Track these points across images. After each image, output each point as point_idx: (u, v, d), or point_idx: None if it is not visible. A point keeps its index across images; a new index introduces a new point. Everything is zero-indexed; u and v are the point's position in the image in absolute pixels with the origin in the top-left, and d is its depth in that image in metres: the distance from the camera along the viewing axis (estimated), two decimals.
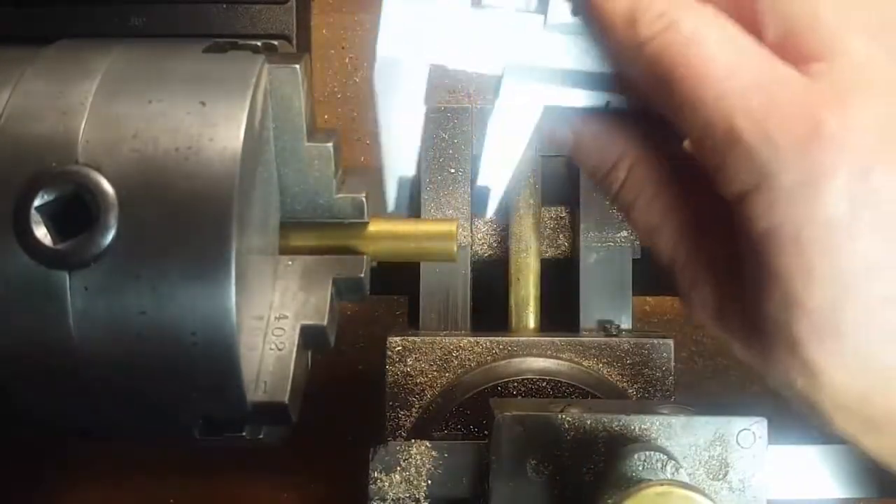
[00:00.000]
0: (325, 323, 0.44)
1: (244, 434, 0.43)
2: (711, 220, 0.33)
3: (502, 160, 0.35)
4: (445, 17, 0.32)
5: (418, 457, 0.41)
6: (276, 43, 0.42)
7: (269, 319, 0.44)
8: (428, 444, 0.42)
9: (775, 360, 0.31)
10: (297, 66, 0.42)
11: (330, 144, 0.44)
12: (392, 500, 0.41)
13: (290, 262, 0.45)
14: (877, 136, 0.28)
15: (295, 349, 0.43)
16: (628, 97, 0.33)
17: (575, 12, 0.32)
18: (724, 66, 0.29)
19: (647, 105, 0.32)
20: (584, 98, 0.33)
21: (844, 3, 0.30)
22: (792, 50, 0.29)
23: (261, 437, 0.43)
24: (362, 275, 0.44)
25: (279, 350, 0.43)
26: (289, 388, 0.42)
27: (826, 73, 0.29)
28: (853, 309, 0.28)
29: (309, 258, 0.45)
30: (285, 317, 0.44)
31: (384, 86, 0.33)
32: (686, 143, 0.35)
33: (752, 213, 0.29)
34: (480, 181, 0.35)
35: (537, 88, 0.33)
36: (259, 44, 0.43)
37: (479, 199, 0.37)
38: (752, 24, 0.30)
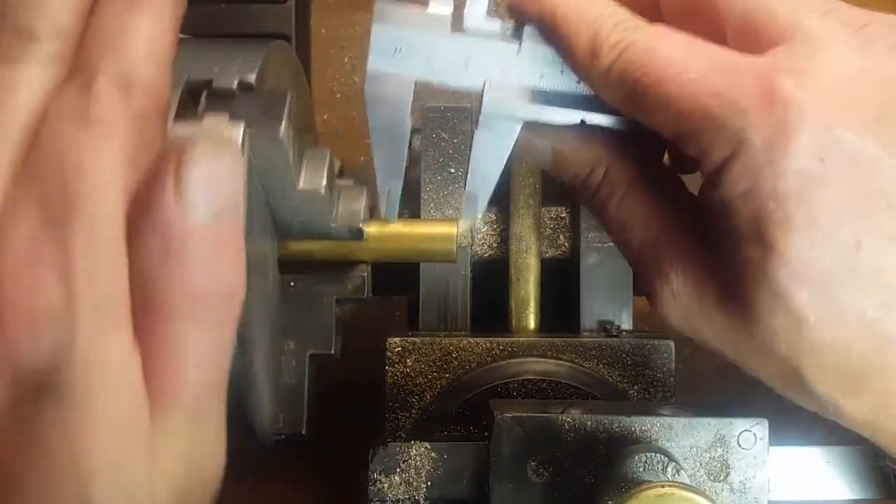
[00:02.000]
0: (332, 351, 0.44)
1: None
2: (680, 211, 0.36)
3: (488, 168, 0.38)
4: (430, 40, 0.35)
5: (418, 458, 0.41)
6: (251, 82, 0.38)
7: (279, 349, 0.43)
8: (427, 445, 0.42)
9: (758, 323, 0.32)
10: (279, 132, 0.38)
11: (322, 188, 0.41)
12: (391, 501, 0.41)
13: (292, 284, 0.44)
14: (834, 98, 0.30)
15: (306, 381, 0.44)
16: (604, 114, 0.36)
17: (546, 42, 0.35)
18: (680, 62, 0.32)
19: (625, 119, 0.36)
20: (559, 115, 0.36)
21: None
22: (753, 43, 0.32)
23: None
24: (365, 295, 0.44)
25: (290, 381, 0.43)
26: (305, 419, 0.42)
27: (784, 51, 0.31)
28: (830, 254, 0.31)
29: (311, 278, 0.44)
30: (293, 347, 0.44)
31: (374, 99, 0.36)
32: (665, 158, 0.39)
33: (732, 178, 0.31)
34: (469, 188, 0.38)
35: (516, 105, 0.36)
36: (234, 88, 0.38)
37: (469, 204, 0.39)
38: (712, 36, 0.33)
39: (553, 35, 0.35)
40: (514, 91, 0.36)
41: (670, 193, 0.36)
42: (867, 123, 0.30)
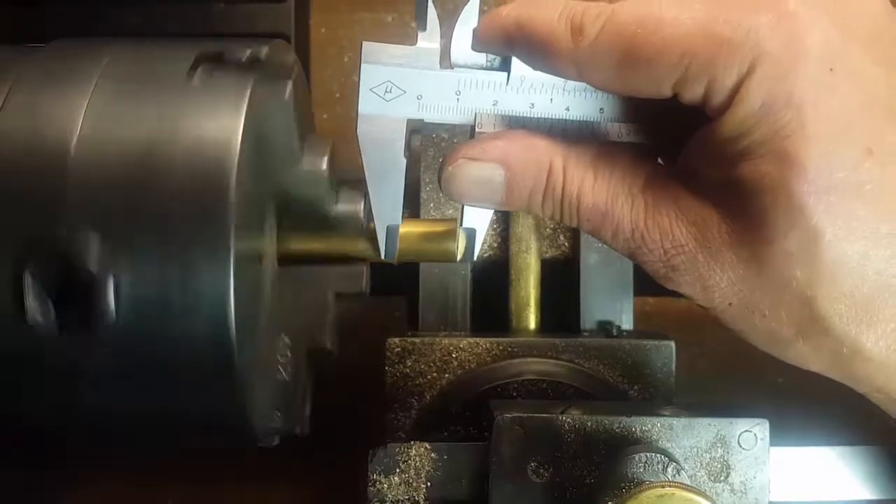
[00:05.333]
0: (330, 346, 0.44)
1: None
2: (656, 168, 0.35)
3: None
4: (419, 76, 0.35)
5: (418, 459, 0.41)
6: (259, 56, 0.40)
7: (276, 345, 0.43)
8: (427, 445, 0.42)
9: (773, 244, 0.32)
10: (286, 90, 0.41)
11: (324, 168, 0.43)
12: (391, 501, 0.41)
13: (290, 278, 0.44)
14: (833, 12, 0.32)
15: (302, 378, 0.43)
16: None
17: (535, 67, 0.35)
18: (677, 2, 0.32)
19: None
20: None
21: None
22: None
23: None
24: (363, 289, 0.44)
25: (286, 378, 0.44)
26: (303, 418, 0.42)
27: None
28: (843, 161, 0.31)
29: (308, 271, 0.44)
30: (289, 343, 0.44)
31: (367, 140, 0.36)
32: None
33: (749, 95, 0.32)
34: (466, 223, 0.38)
35: None
36: (244, 59, 0.40)
37: (468, 244, 0.38)
38: None
39: (527, 42, 0.34)
40: (506, 123, 0.36)
41: (637, 157, 0.36)
42: (862, 41, 0.32)
